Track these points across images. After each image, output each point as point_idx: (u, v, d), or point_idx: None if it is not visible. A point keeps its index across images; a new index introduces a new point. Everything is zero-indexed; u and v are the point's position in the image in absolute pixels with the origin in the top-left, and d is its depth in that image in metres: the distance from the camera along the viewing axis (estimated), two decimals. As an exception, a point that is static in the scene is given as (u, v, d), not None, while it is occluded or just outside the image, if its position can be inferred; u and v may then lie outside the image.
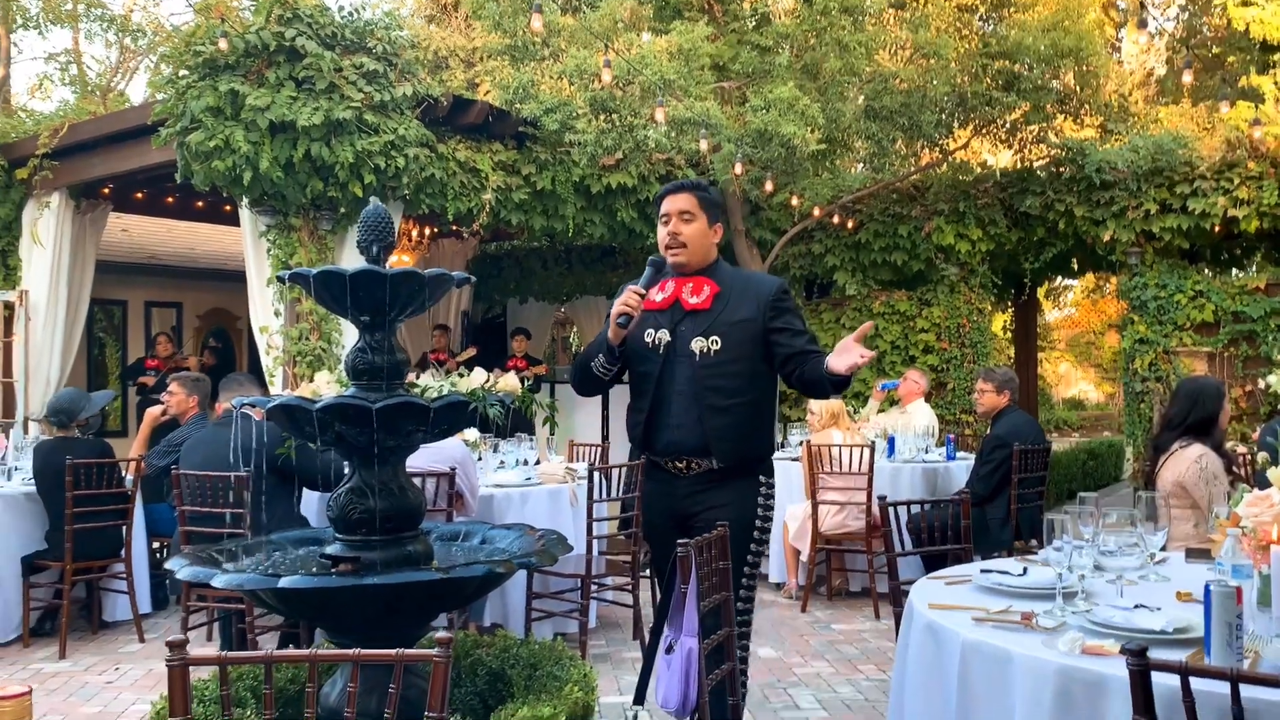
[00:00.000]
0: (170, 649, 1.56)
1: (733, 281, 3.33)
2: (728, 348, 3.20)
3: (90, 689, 4.98)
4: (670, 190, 3.37)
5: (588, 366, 3.29)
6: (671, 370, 3.23)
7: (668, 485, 3.29)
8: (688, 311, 3.27)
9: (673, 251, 3.29)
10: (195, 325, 13.12)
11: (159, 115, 7.01)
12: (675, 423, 3.20)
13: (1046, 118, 8.97)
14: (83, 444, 5.86)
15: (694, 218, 3.30)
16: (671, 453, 3.24)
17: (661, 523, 3.33)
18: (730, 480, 3.22)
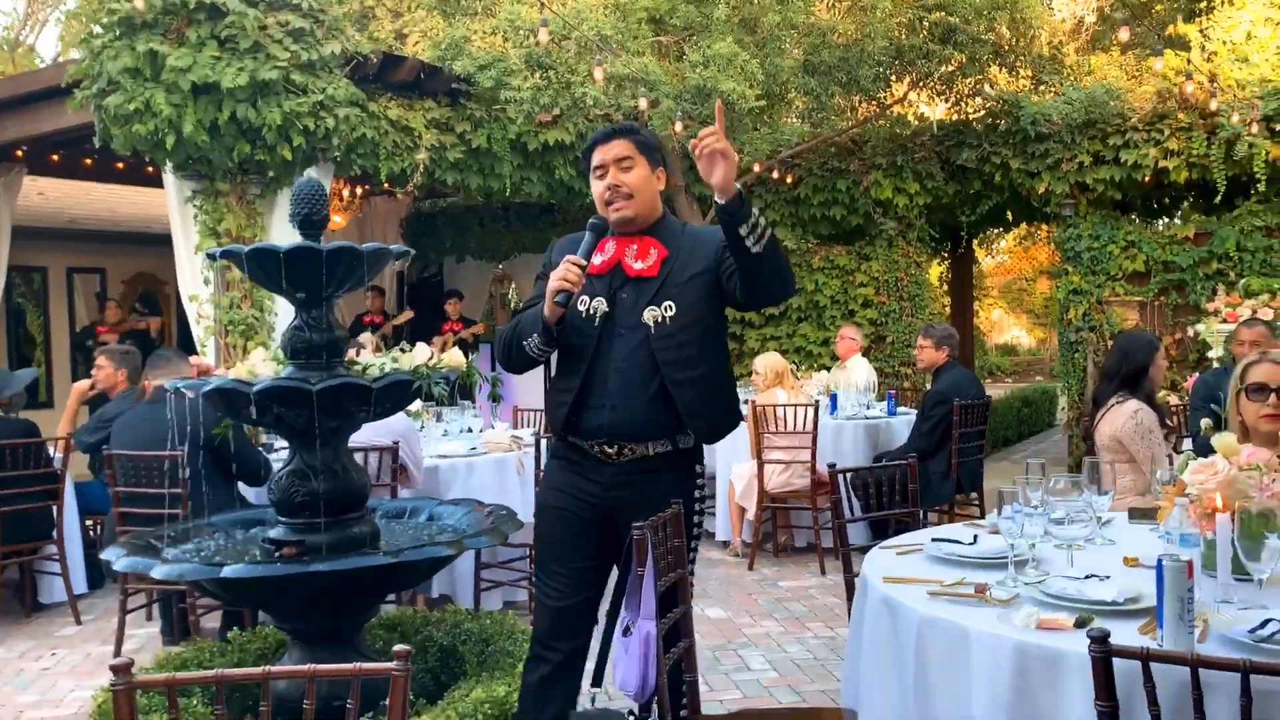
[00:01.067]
0: (115, 673, 1.49)
1: (681, 241, 2.89)
2: (683, 310, 2.80)
3: (26, 676, 4.85)
4: (600, 139, 2.89)
5: (520, 344, 2.85)
6: (609, 344, 2.81)
7: (589, 472, 2.87)
8: (630, 278, 2.84)
9: (616, 206, 2.83)
10: (121, 291, 12.71)
11: (74, 76, 6.70)
12: (611, 404, 2.79)
13: (982, 70, 8.99)
14: (8, 423, 5.66)
15: (634, 163, 2.84)
16: (600, 436, 2.83)
17: (569, 507, 2.91)
18: (664, 470, 2.85)
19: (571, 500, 2.90)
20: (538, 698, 2.90)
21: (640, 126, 3.00)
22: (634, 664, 2.41)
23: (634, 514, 2.67)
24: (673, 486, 2.84)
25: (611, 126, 2.97)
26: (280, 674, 1.55)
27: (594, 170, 2.89)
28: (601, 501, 2.87)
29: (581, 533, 2.90)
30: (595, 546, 2.92)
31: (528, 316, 2.87)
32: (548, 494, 3.01)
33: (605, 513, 2.87)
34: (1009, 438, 12.62)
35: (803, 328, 9.99)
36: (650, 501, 2.72)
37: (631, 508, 2.76)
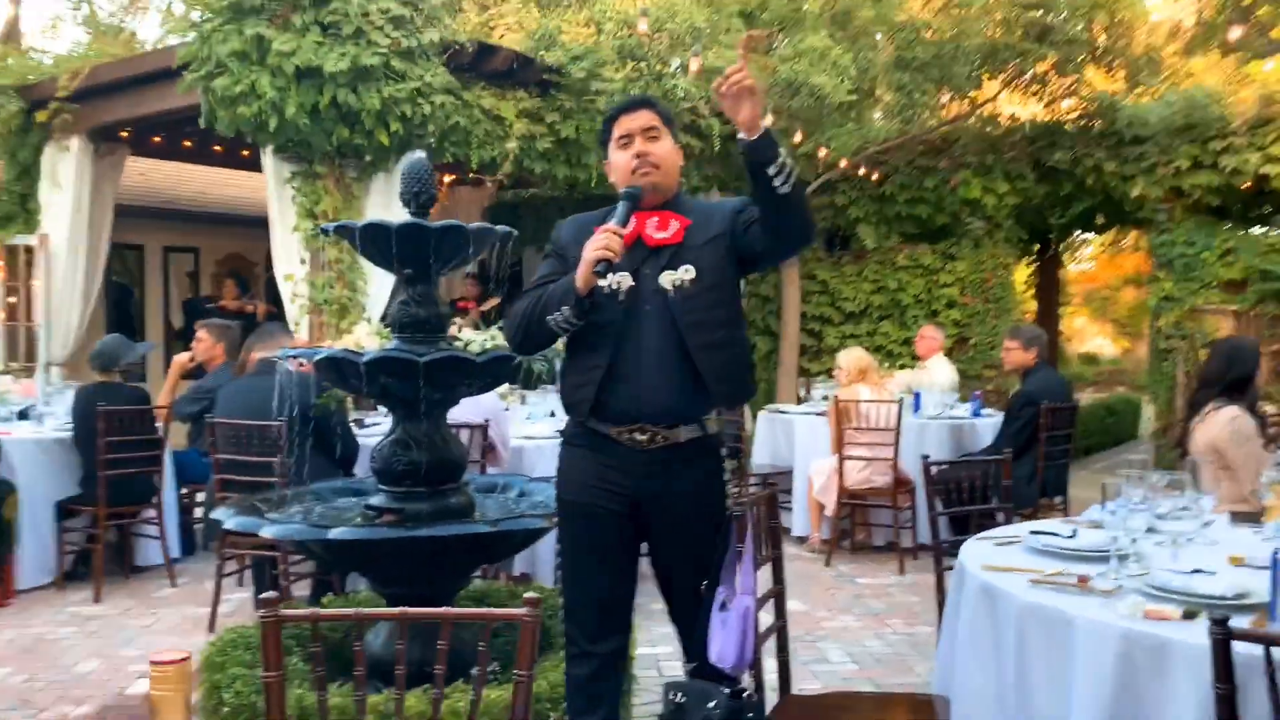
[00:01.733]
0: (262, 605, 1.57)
1: (698, 212, 2.78)
2: (704, 273, 2.66)
3: (129, 633, 5.05)
4: (625, 108, 2.77)
5: (542, 320, 2.64)
6: (636, 320, 2.64)
7: (620, 460, 2.67)
8: (652, 249, 2.69)
9: (643, 172, 2.69)
10: (212, 270, 13.09)
11: (183, 59, 6.93)
12: (646, 382, 2.62)
13: (1078, 69, 8.84)
14: (124, 390, 5.89)
15: (660, 134, 2.73)
16: (630, 420, 2.64)
17: (597, 503, 2.70)
18: (695, 458, 2.70)
19: (601, 494, 2.70)
20: (589, 695, 2.77)
21: (654, 99, 2.92)
22: (733, 638, 2.45)
23: (664, 505, 2.65)
24: (705, 476, 2.72)
25: (634, 96, 2.90)
26: (415, 615, 1.62)
27: (617, 140, 2.75)
28: (633, 493, 2.68)
29: (615, 527, 2.72)
30: (629, 540, 2.76)
31: (553, 290, 2.66)
32: (573, 489, 2.77)
33: (634, 504, 2.70)
34: (1091, 447, 12.37)
35: (884, 326, 9.92)
36: (683, 491, 2.67)
37: (662, 498, 2.67)
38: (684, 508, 2.67)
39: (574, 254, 2.64)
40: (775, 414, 7.69)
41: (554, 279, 2.71)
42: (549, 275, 2.77)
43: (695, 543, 2.68)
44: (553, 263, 2.81)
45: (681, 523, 2.68)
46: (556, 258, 2.81)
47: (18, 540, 5.63)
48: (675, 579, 2.74)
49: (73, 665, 4.58)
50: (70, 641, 4.91)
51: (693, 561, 2.67)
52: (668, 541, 2.72)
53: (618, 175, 2.76)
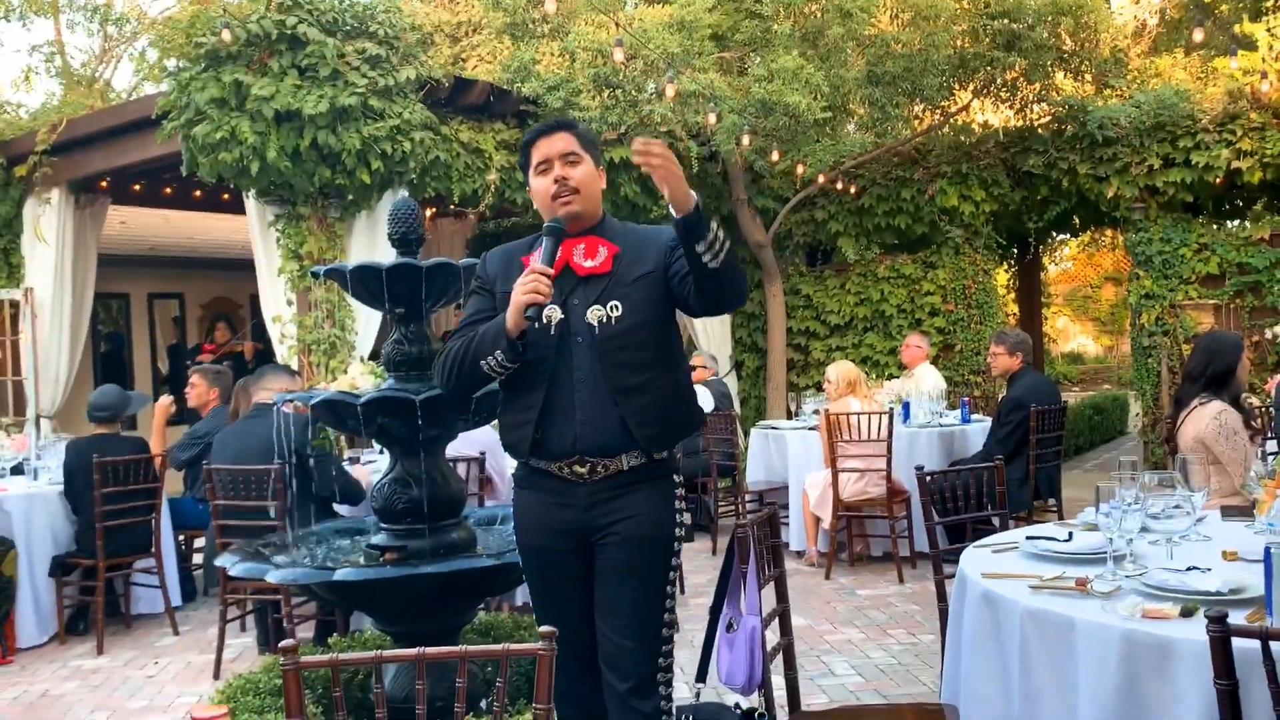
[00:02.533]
0: (283, 654, 1.60)
1: (627, 238, 2.69)
2: (630, 311, 2.58)
3: (133, 684, 5.04)
4: (541, 132, 2.67)
5: (475, 365, 2.56)
6: (567, 353, 2.57)
7: (563, 497, 2.61)
8: (581, 278, 2.61)
9: (563, 200, 2.60)
10: (199, 315, 13.10)
11: (162, 108, 6.97)
12: (580, 417, 2.55)
13: (1046, 75, 8.96)
14: (124, 441, 5.90)
15: (579, 159, 2.64)
16: (569, 455, 2.57)
17: (550, 544, 2.63)
18: (642, 484, 2.61)
19: (551, 534, 2.63)
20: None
21: (579, 121, 2.88)
22: (741, 658, 2.48)
23: (607, 535, 2.58)
24: (651, 499, 2.62)
25: (552, 120, 2.77)
26: (434, 655, 1.64)
27: (535, 166, 2.66)
28: (580, 527, 2.61)
29: (570, 565, 2.63)
30: (587, 575, 2.65)
31: (485, 334, 2.57)
32: (527, 532, 2.71)
33: (581, 540, 2.62)
34: (1080, 446, 12.46)
35: (869, 337, 9.99)
36: (630, 518, 2.58)
37: (605, 529, 2.59)
38: (627, 531, 2.57)
39: (502, 289, 2.61)
40: (767, 430, 7.74)
41: (483, 317, 2.65)
42: (477, 314, 2.69)
43: (635, 568, 2.57)
44: (480, 300, 2.74)
45: (621, 547, 2.58)
46: (483, 293, 2.74)
47: (17, 596, 5.61)
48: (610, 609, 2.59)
49: (79, 720, 4.57)
50: (75, 696, 4.90)
51: (631, 588, 2.57)
52: (608, 568, 2.60)
53: (539, 203, 2.69)
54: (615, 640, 2.55)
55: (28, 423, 9.02)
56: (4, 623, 5.50)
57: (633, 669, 2.53)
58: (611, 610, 2.58)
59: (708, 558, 7.30)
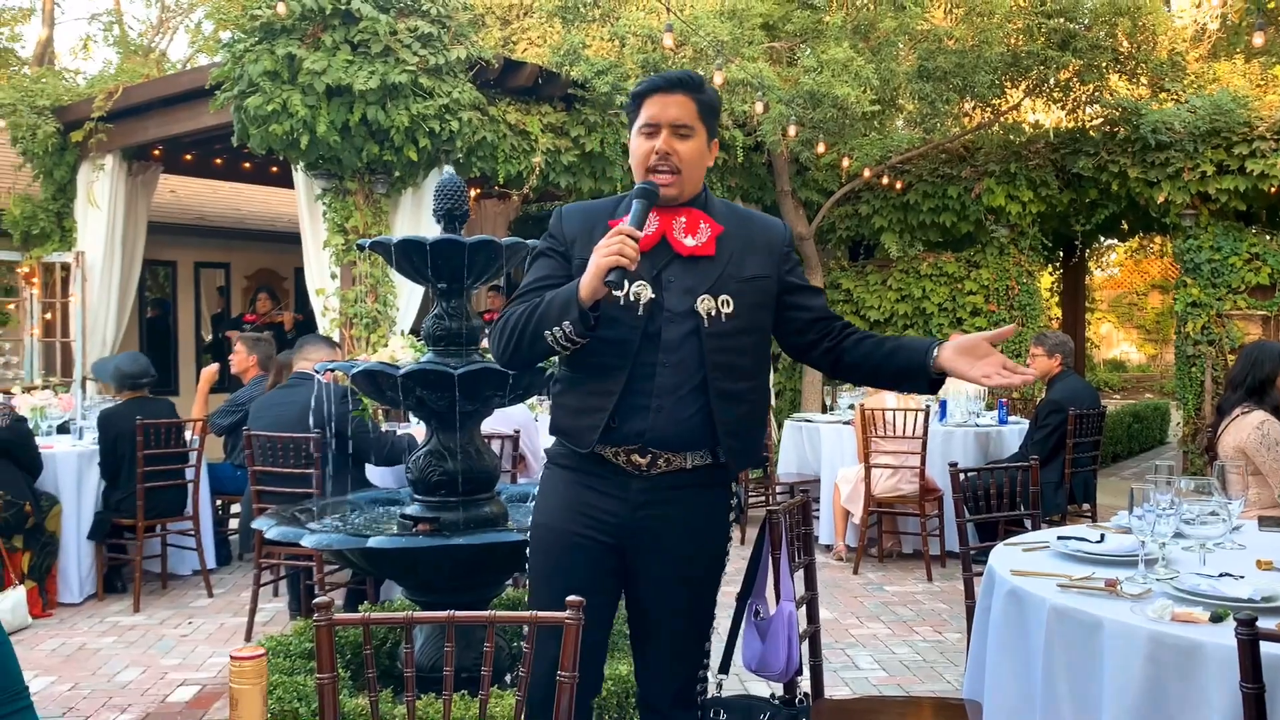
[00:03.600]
0: (317, 610, 1.64)
1: (729, 218, 2.42)
2: (741, 312, 2.33)
3: (167, 641, 5.15)
4: (659, 87, 2.33)
5: (538, 335, 2.24)
6: (655, 337, 2.29)
7: (612, 488, 2.34)
8: (681, 257, 2.32)
9: (660, 176, 2.30)
10: (243, 285, 13.28)
11: (216, 79, 7.06)
12: (656, 404, 2.28)
13: (1100, 76, 8.84)
14: (157, 404, 6.00)
15: (692, 132, 2.32)
16: (633, 442, 2.30)
17: (580, 531, 2.35)
18: (700, 488, 2.38)
19: (587, 523, 2.35)
20: None
21: (707, 83, 2.42)
22: (779, 645, 2.48)
23: (656, 541, 2.35)
24: (707, 510, 2.42)
25: (675, 74, 2.37)
26: (463, 619, 1.67)
27: (642, 126, 2.33)
28: (624, 524, 2.35)
29: (597, 562, 2.36)
30: (612, 579, 2.41)
31: (553, 300, 2.25)
32: (553, 514, 2.40)
33: (623, 538, 2.36)
34: (1118, 453, 12.32)
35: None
36: (679, 526, 2.36)
37: (655, 534, 2.35)
38: (679, 543, 2.36)
39: (581, 255, 2.30)
40: (801, 423, 7.73)
41: (552, 283, 2.33)
42: (545, 279, 2.37)
43: (685, 585, 2.40)
44: (550, 263, 2.41)
45: (674, 561, 2.37)
46: (555, 256, 2.41)
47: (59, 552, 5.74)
48: (657, 624, 2.42)
49: (115, 674, 4.67)
50: (111, 651, 5.01)
51: (682, 606, 2.40)
52: (654, 580, 2.39)
53: (634, 163, 2.37)
54: (661, 658, 2.41)
55: (74, 384, 9.20)
56: (46, 577, 5.63)
57: (677, 684, 2.42)
58: (657, 628, 2.40)
59: (735, 548, 7.29)
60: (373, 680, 1.71)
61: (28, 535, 5.39)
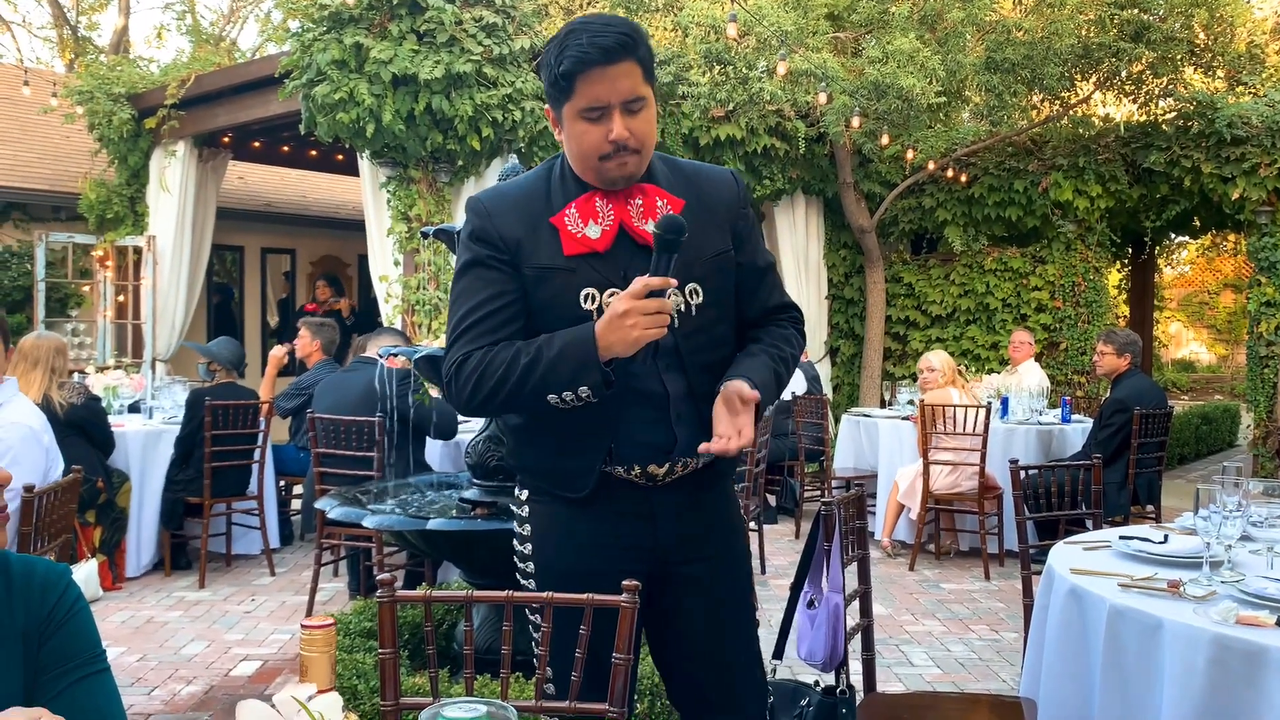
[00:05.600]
0: (381, 586, 1.67)
1: (680, 184, 2.02)
2: (711, 298, 2.00)
3: (231, 617, 5.27)
4: (595, 61, 1.82)
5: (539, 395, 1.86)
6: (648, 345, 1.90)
7: (631, 508, 2.00)
8: (642, 248, 1.92)
9: (619, 161, 1.88)
10: (308, 271, 13.51)
11: (285, 68, 7.20)
12: (650, 416, 1.97)
13: (1174, 69, 8.63)
14: (243, 389, 6.18)
15: (644, 103, 1.90)
16: (641, 457, 1.98)
17: (612, 569, 1.91)
18: (722, 483, 2.13)
19: (615, 557, 1.99)
20: None
21: (638, 28, 1.94)
22: (823, 636, 2.48)
23: (697, 551, 2.05)
24: (727, 499, 2.16)
25: (610, 38, 1.84)
26: (521, 599, 1.70)
27: (584, 110, 1.87)
28: (657, 545, 2.02)
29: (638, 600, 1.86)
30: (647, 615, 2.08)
31: (558, 361, 1.85)
32: (571, 553, 2.02)
33: (657, 562, 2.04)
34: (1185, 455, 12.06)
35: (971, 330, 9.81)
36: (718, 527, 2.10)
37: (696, 542, 2.06)
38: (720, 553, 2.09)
39: (530, 261, 1.92)
40: (859, 418, 7.68)
41: (505, 303, 1.93)
42: (496, 298, 1.93)
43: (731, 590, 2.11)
44: (496, 275, 1.93)
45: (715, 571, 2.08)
46: (501, 268, 1.93)
47: (128, 527, 5.91)
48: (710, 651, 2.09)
49: (181, 647, 4.80)
50: (177, 625, 5.15)
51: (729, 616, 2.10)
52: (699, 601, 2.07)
53: (575, 152, 1.93)
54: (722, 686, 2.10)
55: (144, 365, 9.44)
56: (115, 551, 5.80)
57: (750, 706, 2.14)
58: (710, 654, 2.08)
59: (790, 541, 7.29)
60: (433, 656, 1.75)
61: (100, 510, 5.55)
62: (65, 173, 11.08)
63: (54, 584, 1.38)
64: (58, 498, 3.23)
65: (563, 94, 1.88)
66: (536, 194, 1.98)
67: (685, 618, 2.06)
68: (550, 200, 1.96)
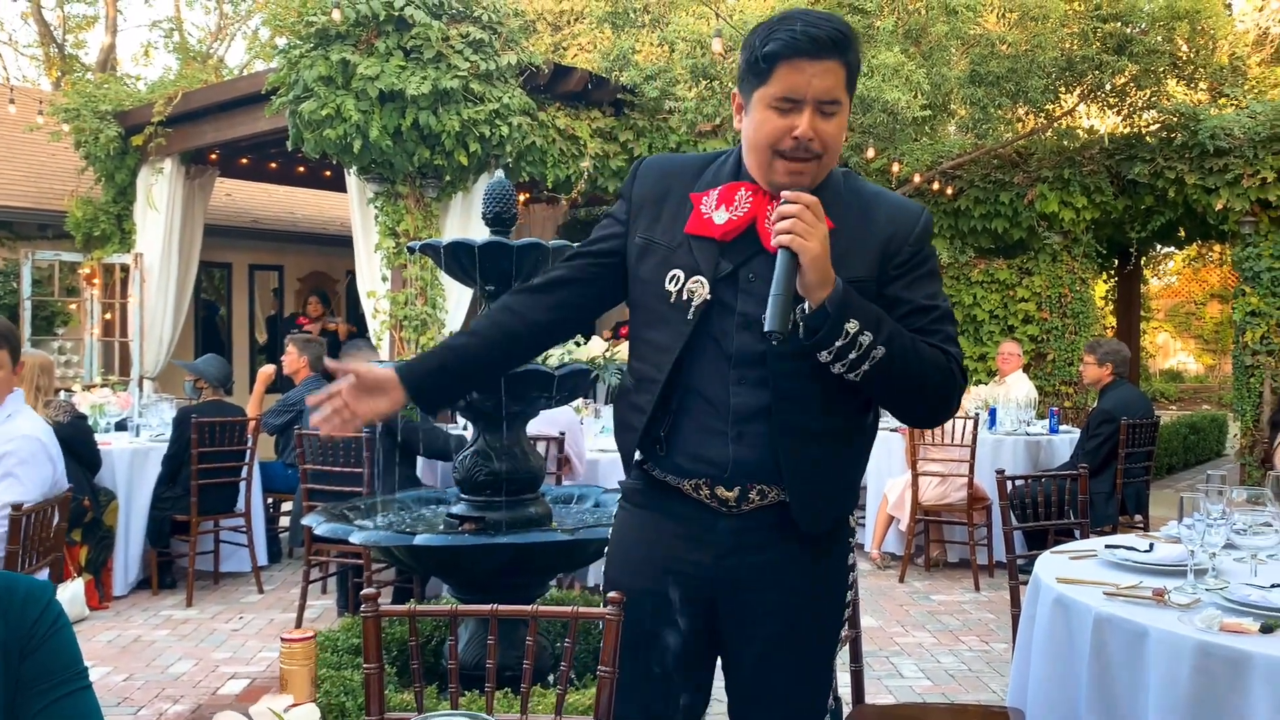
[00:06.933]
0: (365, 601, 1.67)
1: (849, 208, 1.87)
2: None
3: (218, 635, 5.25)
4: (804, 51, 1.75)
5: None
6: (705, 342, 1.86)
7: (696, 528, 1.91)
8: (763, 251, 1.81)
9: (796, 168, 1.80)
10: (296, 288, 13.49)
11: (272, 84, 7.20)
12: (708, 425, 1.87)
13: (1158, 81, 8.71)
14: (231, 407, 6.17)
15: (839, 108, 1.81)
16: (711, 475, 1.87)
17: (668, 592, 1.91)
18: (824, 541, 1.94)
19: (670, 580, 1.92)
20: None
21: (854, 36, 1.85)
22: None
23: (751, 596, 1.90)
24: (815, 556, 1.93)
25: (825, 32, 1.76)
26: (506, 613, 1.70)
27: (777, 99, 1.78)
28: (710, 576, 1.91)
29: (685, 626, 1.92)
30: (704, 643, 1.97)
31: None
32: (625, 568, 1.99)
33: (712, 596, 1.92)
34: (1173, 465, 12.10)
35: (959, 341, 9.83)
36: (780, 580, 1.90)
37: (750, 587, 1.90)
38: (780, 597, 1.90)
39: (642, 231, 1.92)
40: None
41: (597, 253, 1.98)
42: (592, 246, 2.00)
43: (790, 650, 1.93)
44: (605, 231, 2.00)
45: (774, 620, 1.91)
46: (612, 225, 2.00)
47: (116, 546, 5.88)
48: (757, 699, 1.96)
49: (168, 666, 4.77)
50: (164, 644, 5.12)
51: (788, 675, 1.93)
52: (750, 644, 1.94)
53: (752, 142, 1.84)
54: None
55: (131, 383, 9.40)
56: (102, 570, 5.77)
57: None
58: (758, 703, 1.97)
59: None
60: (417, 671, 1.74)
61: (86, 529, 5.52)
62: (51, 190, 11.06)
63: (36, 600, 1.37)
64: (46, 515, 3.22)
65: (758, 77, 1.79)
66: (695, 168, 1.95)
67: (736, 653, 1.96)
68: (703, 176, 1.92)
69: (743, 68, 1.85)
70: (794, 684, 1.94)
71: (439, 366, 1.94)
